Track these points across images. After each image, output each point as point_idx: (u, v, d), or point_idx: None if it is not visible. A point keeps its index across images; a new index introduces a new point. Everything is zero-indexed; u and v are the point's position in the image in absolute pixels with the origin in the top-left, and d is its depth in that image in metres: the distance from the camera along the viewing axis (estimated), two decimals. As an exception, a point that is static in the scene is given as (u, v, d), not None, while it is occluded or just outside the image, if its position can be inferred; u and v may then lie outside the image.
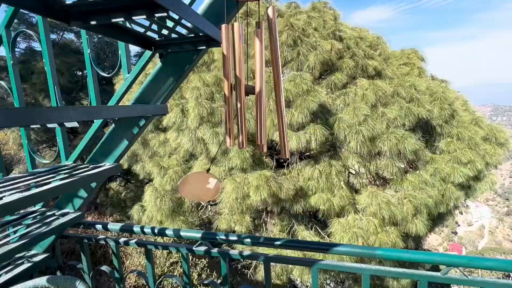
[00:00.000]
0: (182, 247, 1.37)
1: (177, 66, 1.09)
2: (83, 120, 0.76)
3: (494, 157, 6.49)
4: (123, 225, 1.49)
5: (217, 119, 4.91)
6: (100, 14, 0.73)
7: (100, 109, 0.83)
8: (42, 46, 1.19)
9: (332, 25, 5.76)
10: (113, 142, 1.16)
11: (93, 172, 1.01)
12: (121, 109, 0.98)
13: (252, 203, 5.18)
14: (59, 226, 1.17)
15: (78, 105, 9.69)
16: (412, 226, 5.36)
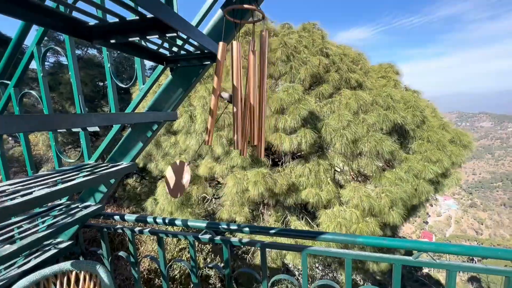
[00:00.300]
0: (189, 235, 1.36)
1: (185, 79, 1.09)
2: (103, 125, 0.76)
3: (459, 157, 6.52)
4: (138, 216, 1.49)
5: (221, 124, 4.91)
6: (118, 33, 0.73)
7: (118, 115, 0.83)
8: (68, 61, 1.18)
9: (320, 43, 5.78)
10: (130, 143, 1.15)
11: (112, 170, 1.00)
12: (136, 115, 0.97)
13: (250, 196, 5.18)
14: (82, 217, 1.16)
15: (100, 112, 9.67)
16: (389, 217, 5.36)
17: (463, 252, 0.94)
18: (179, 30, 0.67)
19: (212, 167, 5.54)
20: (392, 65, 7.75)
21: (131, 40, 0.74)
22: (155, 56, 1.00)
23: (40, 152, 10.40)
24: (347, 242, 1.11)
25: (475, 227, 60.90)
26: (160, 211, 6.09)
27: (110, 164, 1.11)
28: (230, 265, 1.31)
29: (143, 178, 10.99)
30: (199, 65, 1.07)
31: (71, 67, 1.17)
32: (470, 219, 64.23)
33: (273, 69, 5.41)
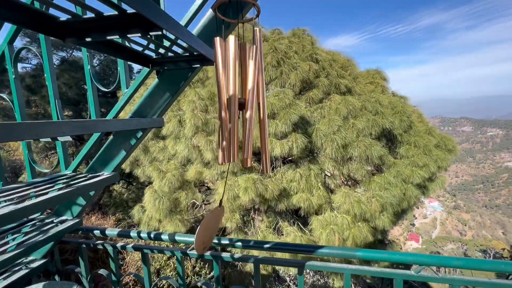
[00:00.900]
0: (177, 251, 1.25)
1: (173, 82, 1.01)
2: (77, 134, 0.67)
3: (445, 161, 6.67)
4: (120, 230, 1.36)
5: (211, 129, 4.81)
6: (95, 31, 0.64)
7: (95, 123, 0.74)
8: (43, 61, 1.08)
9: (310, 49, 5.82)
10: (111, 152, 1.05)
11: (91, 181, 0.90)
12: (117, 122, 0.88)
13: (241, 202, 5.08)
14: (57, 234, 1.05)
15: (74, 119, 9.33)
16: (379, 221, 5.38)
17: (466, 266, 0.90)
18: (165, 28, 0.60)
19: (201, 172, 5.41)
20: (379, 71, 7.90)
21: (110, 39, 0.66)
22: (139, 58, 0.91)
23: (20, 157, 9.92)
24: (345, 257, 1.05)
25: (459, 228, 62.81)
26: (148, 219, 5.89)
27: (90, 174, 1.01)
28: (221, 283, 1.22)
29: (130, 184, 10.65)
30: (187, 68, 0.99)
31: (46, 68, 1.06)
32: (454, 220, 66.23)
33: (264, 74, 5.39)
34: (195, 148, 5.11)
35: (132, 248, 1.33)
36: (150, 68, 1.00)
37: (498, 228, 71.52)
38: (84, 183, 0.89)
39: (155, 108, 1.03)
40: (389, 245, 8.73)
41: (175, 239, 1.26)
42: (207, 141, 4.81)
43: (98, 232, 1.36)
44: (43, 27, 0.65)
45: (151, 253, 1.35)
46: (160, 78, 1.01)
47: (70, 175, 1.00)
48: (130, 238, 1.33)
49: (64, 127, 0.58)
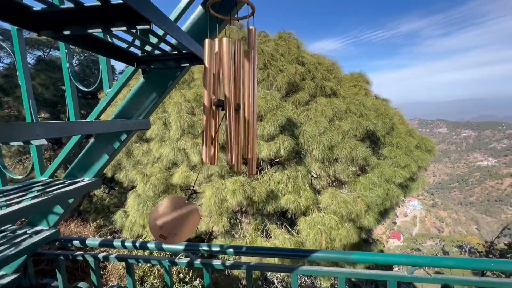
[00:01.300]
0: (165, 260, 1.18)
1: (160, 82, 0.94)
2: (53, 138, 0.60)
3: (425, 162, 6.92)
4: (102, 240, 1.26)
5: (197, 131, 4.72)
6: (75, 24, 0.58)
7: (73, 124, 0.67)
8: (16, 59, 0.98)
9: (296, 52, 5.87)
10: (92, 156, 0.97)
11: (70, 188, 0.83)
12: (99, 124, 0.81)
13: (229, 205, 5.01)
14: (31, 246, 0.95)
15: (51, 121, 8.91)
16: (365, 221, 5.48)
17: (458, 265, 0.91)
18: (154, 22, 0.54)
19: (188, 175, 5.29)
20: (363, 74, 8.12)
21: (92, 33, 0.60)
22: (124, 55, 0.85)
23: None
24: (340, 260, 1.04)
25: (437, 225, 65.68)
26: (131, 224, 5.67)
27: (68, 180, 0.93)
28: (212, 292, 1.16)
29: (111, 189, 10.25)
30: (175, 67, 0.93)
31: (19, 65, 0.96)
32: (433, 218, 69.23)
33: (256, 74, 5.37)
34: (181, 151, 4.99)
35: (115, 258, 1.24)
36: (135, 67, 0.93)
37: (472, 224, 75.51)
38: (62, 190, 0.81)
39: (140, 109, 0.96)
40: (374, 244, 8.93)
41: (163, 248, 1.18)
42: (194, 144, 4.71)
43: (78, 242, 1.25)
44: (13, 17, 0.57)
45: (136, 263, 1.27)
46: (146, 77, 0.95)
47: (46, 182, 0.91)
48: (113, 247, 1.24)
49: (38, 129, 0.51)
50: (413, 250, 33.17)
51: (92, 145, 0.97)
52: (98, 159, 0.96)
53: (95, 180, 0.92)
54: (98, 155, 0.96)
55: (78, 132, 0.68)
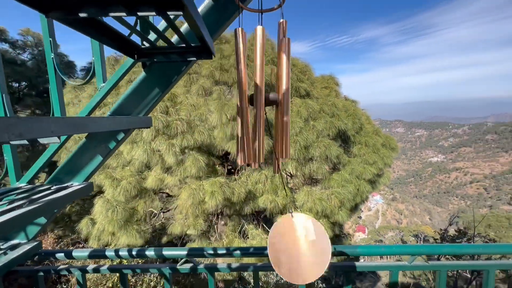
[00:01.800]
0: (165, 267, 1.09)
1: (163, 77, 0.86)
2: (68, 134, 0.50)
3: (389, 158, 7.46)
4: (92, 250, 1.12)
5: (172, 132, 4.53)
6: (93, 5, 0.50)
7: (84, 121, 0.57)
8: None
9: (271, 53, 5.94)
10: (84, 158, 0.86)
11: (60, 195, 0.73)
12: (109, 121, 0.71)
13: (207, 207, 4.89)
14: (6, 264, 0.81)
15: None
16: (338, 216, 5.73)
17: (453, 252, 1.01)
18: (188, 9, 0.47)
19: (162, 178, 5.05)
20: (333, 76, 8.50)
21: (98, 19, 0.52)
22: (123, 44, 0.76)
23: None
24: (346, 254, 1.07)
25: (396, 217, 71.29)
26: (99, 232, 5.26)
27: (55, 186, 0.81)
28: (213, 296, 1.11)
29: (74, 195, 9.39)
30: (181, 61, 0.86)
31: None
32: (393, 211, 75.05)
33: (227, 75, 5.30)
34: (155, 153, 4.75)
35: (108, 269, 1.12)
36: (136, 59, 0.84)
37: (425, 215, 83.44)
38: (51, 198, 0.71)
39: (141, 105, 0.87)
40: (345, 238, 9.40)
41: (163, 254, 1.10)
42: (169, 145, 4.52)
43: (62, 255, 1.10)
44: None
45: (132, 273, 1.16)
46: (148, 71, 0.86)
47: (27, 189, 0.79)
48: (105, 258, 1.12)
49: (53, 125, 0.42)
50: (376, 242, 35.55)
51: (84, 145, 0.86)
52: (90, 160, 0.85)
53: (86, 184, 0.82)
54: (90, 156, 0.85)
55: (91, 129, 0.59)
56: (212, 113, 4.75)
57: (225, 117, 4.67)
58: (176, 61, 0.83)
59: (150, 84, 0.85)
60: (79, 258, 1.11)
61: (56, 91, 0.82)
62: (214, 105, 4.75)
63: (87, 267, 1.13)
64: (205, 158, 4.90)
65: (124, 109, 0.86)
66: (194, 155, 4.80)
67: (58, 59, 0.81)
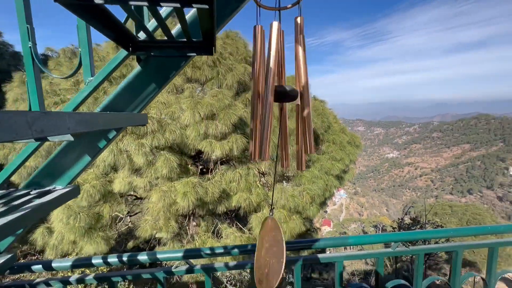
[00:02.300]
0: (159, 271, 1.03)
1: (160, 72, 0.80)
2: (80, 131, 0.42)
3: (354, 155, 7.96)
4: (76, 259, 1.01)
5: (142, 131, 4.30)
6: None
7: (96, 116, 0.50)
8: None
9: (243, 52, 5.94)
10: (69, 158, 0.76)
11: (44, 200, 0.64)
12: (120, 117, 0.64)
13: (179, 209, 4.74)
14: None
15: None
16: (310, 212, 5.97)
17: (428, 236, 1.13)
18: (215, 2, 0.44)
19: (131, 180, 4.77)
20: (302, 77, 8.79)
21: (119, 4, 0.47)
22: (118, 34, 0.69)
23: None
24: (340, 245, 1.13)
25: (358, 210, 76.44)
26: (57, 242, 4.79)
27: (35, 190, 0.72)
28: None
29: (23, 203, 8.42)
30: (180, 56, 0.82)
31: None
32: (355, 204, 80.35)
33: (200, 73, 5.18)
34: (123, 153, 4.46)
35: (94, 279, 1.01)
36: (130, 52, 0.77)
37: (383, 207, 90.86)
38: (37, 203, 0.63)
39: (135, 102, 0.80)
40: (314, 232, 9.81)
41: (157, 258, 1.03)
42: (138, 145, 4.28)
43: (40, 267, 0.96)
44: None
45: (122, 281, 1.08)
46: (144, 66, 0.80)
47: (1, 194, 0.68)
48: (91, 266, 1.02)
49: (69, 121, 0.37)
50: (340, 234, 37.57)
51: (69, 145, 0.76)
52: (76, 161, 0.76)
53: (72, 188, 0.74)
54: (76, 156, 0.76)
55: (102, 126, 0.53)
56: (184, 111, 4.61)
57: (198, 116, 4.57)
58: (176, 56, 0.79)
59: (146, 79, 0.79)
60: (60, 269, 1.00)
61: (34, 83, 0.72)
62: (186, 103, 4.61)
63: (69, 278, 1.02)
64: (177, 158, 4.74)
65: (117, 106, 0.79)
66: (165, 155, 4.61)
67: (36, 48, 0.72)
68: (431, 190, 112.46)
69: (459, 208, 29.38)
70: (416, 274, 1.16)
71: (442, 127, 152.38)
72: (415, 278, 1.15)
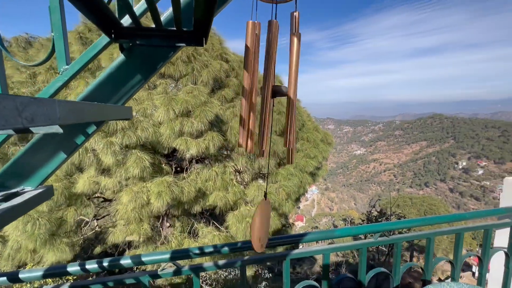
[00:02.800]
0: (143, 276, 0.95)
1: (147, 63, 0.73)
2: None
3: (326, 153, 8.27)
4: (48, 268, 0.89)
5: (111, 128, 4.03)
6: None
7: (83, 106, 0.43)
8: None
9: (219, 48, 5.84)
10: (40, 156, 0.66)
11: (13, 204, 0.56)
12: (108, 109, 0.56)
13: (153, 209, 4.54)
14: None
15: None
16: (286, 208, 6.08)
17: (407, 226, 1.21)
18: None
19: (97, 181, 4.46)
20: (277, 75, 8.91)
21: None
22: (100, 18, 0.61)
23: None
24: (327, 238, 1.15)
25: (329, 205, 79.87)
26: (13, 252, 4.34)
27: (1, 192, 0.62)
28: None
29: (-32, 210, 7.48)
30: (168, 46, 0.75)
31: None
32: (326, 199, 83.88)
33: (173, 68, 4.99)
34: (89, 152, 4.16)
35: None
36: (112, 39, 0.69)
37: (352, 201, 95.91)
38: (6, 207, 0.54)
39: (118, 94, 0.72)
40: (289, 227, 10.04)
41: (142, 261, 0.95)
42: (107, 143, 4.01)
43: (5, 279, 0.82)
44: None
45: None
46: (128, 55, 0.72)
47: None
48: (67, 275, 0.91)
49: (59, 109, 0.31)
50: (313, 228, 38.97)
51: (42, 140, 0.66)
52: (50, 159, 0.67)
53: (45, 188, 0.65)
54: (50, 153, 0.67)
55: (90, 118, 0.46)
56: (158, 108, 4.42)
57: (173, 113, 4.40)
58: (163, 46, 0.73)
59: (130, 70, 0.72)
60: (30, 280, 0.88)
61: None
62: (159, 100, 4.41)
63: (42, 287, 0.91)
64: (150, 157, 4.52)
65: (97, 98, 0.70)
66: (137, 154, 4.38)
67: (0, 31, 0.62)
68: (394, 184, 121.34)
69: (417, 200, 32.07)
70: (395, 261, 1.23)
71: (403, 126, 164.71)
72: (394, 264, 1.23)
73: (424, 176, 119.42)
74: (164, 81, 4.87)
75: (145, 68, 0.72)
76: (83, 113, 0.47)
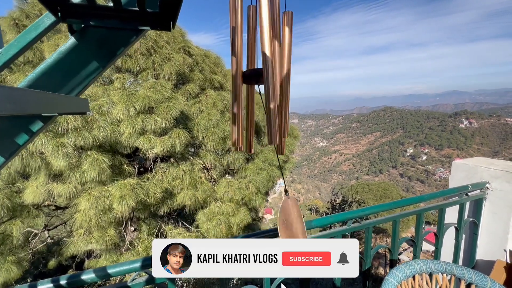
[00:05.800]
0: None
1: (104, 48, 0.60)
2: None
3: (293, 146, 8.49)
4: None
5: (61, 128, 3.60)
6: None
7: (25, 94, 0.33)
8: None
9: (181, 41, 5.57)
10: None
11: None
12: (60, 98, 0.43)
13: (117, 214, 4.21)
14: None
15: None
16: (256, 202, 6.12)
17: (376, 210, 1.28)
18: None
19: (50, 188, 3.98)
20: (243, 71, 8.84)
21: None
22: None
23: None
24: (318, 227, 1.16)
25: (296, 196, 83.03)
26: None
27: None
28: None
29: None
30: (130, 29, 0.64)
31: None
32: (293, 191, 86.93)
33: (131, 62, 4.63)
34: (36, 156, 3.67)
35: None
36: (59, 19, 0.55)
37: (316, 191, 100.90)
38: None
39: (70, 83, 0.59)
40: (260, 221, 10.17)
41: (108, 273, 0.84)
42: (57, 145, 3.58)
43: None
44: None
45: None
46: (80, 38, 0.59)
47: None
48: None
49: None
50: (282, 220, 39.91)
51: None
52: None
53: None
54: None
55: (35, 109, 0.35)
56: (116, 105, 4.07)
57: (133, 109, 4.09)
58: (125, 28, 0.62)
59: (84, 55, 0.60)
60: None
61: None
62: (117, 96, 4.07)
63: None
64: (109, 158, 4.16)
65: (43, 88, 0.57)
66: (93, 155, 3.99)
67: None
68: (353, 172, 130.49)
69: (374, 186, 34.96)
70: (366, 245, 1.30)
71: (360, 118, 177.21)
72: (365, 248, 1.29)
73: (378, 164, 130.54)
74: (122, 75, 4.50)
75: (103, 54, 0.62)
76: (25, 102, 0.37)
